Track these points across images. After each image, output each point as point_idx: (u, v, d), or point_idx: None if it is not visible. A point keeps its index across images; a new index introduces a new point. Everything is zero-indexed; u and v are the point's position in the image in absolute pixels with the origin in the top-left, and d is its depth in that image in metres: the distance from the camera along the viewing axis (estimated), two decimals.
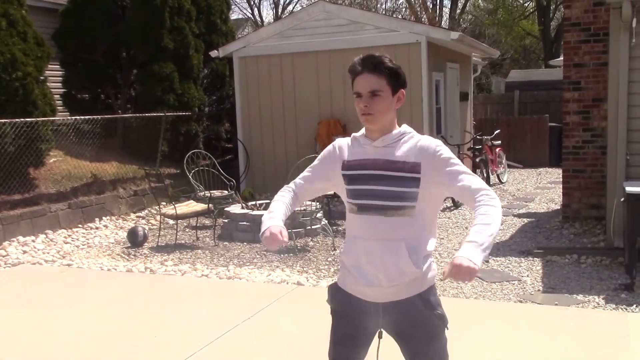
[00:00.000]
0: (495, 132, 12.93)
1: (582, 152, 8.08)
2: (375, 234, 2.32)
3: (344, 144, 2.49)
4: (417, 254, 2.32)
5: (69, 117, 10.30)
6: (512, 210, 9.72)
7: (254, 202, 8.75)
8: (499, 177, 12.76)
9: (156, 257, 7.43)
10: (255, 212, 8.19)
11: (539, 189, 11.92)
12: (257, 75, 11.14)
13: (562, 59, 8.94)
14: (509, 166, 14.04)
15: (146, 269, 6.83)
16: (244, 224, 8.09)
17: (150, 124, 11.05)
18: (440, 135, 10.71)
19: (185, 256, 7.42)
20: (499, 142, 12.97)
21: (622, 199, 5.99)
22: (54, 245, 8.07)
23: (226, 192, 8.99)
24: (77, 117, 10.03)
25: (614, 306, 5.18)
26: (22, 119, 8.45)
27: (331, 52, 10.42)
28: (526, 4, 34.18)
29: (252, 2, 29.03)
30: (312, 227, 8.03)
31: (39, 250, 7.77)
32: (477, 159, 11.03)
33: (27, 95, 8.66)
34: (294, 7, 27.95)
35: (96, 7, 10.97)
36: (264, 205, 8.57)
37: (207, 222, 9.20)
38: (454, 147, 10.97)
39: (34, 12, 10.20)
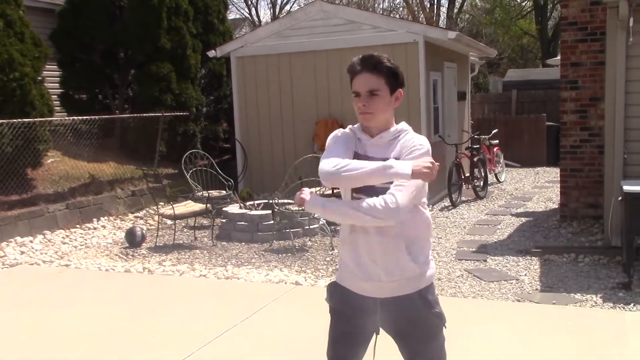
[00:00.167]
0: (493, 132, 12.94)
1: (579, 151, 8.10)
2: (373, 229, 2.34)
3: (349, 132, 2.45)
4: (415, 249, 2.35)
5: (67, 118, 10.28)
6: (510, 209, 9.73)
7: (252, 202, 8.76)
8: (496, 176, 12.77)
9: (154, 257, 7.43)
10: (253, 212, 8.19)
11: (537, 188, 11.93)
12: (254, 75, 11.13)
13: (559, 58, 8.96)
14: (507, 165, 14.06)
15: (144, 269, 6.83)
16: (242, 224, 8.09)
17: (147, 124, 11.04)
18: (437, 134, 10.71)
19: (183, 256, 7.42)
20: (497, 141, 12.99)
21: (620, 198, 6.00)
22: (52, 245, 8.06)
23: (224, 192, 8.99)
24: (75, 118, 10.01)
25: (612, 305, 5.19)
26: (19, 120, 8.44)
27: (329, 51, 10.41)
28: (523, 4, 34.21)
29: (250, 2, 28.98)
30: (310, 226, 8.03)
31: (36, 250, 7.77)
32: (475, 159, 11.03)
33: (25, 95, 8.65)
34: (292, 7, 27.94)
35: (93, 8, 10.96)
36: (262, 205, 8.57)
37: (205, 222, 9.20)
38: (452, 146, 10.98)
39: (31, 13, 10.19)
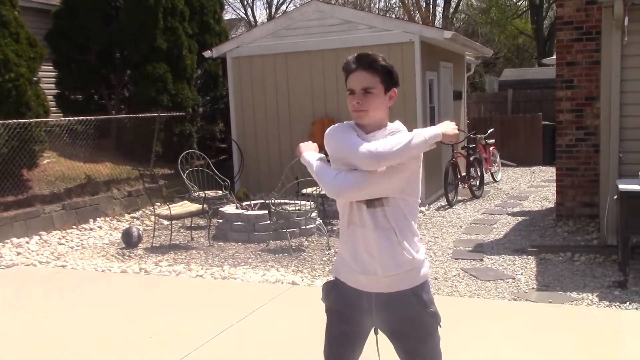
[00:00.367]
0: (489, 131, 12.95)
1: (575, 150, 8.12)
2: (368, 222, 2.36)
3: (342, 128, 2.44)
4: (408, 243, 2.38)
5: (63, 118, 10.27)
6: (506, 208, 9.75)
7: (248, 202, 8.75)
8: (493, 175, 12.79)
9: (151, 257, 7.42)
10: (249, 213, 8.19)
11: (533, 187, 11.96)
12: (250, 75, 11.13)
13: (555, 57, 8.96)
14: (503, 165, 14.08)
15: (141, 269, 6.82)
16: (239, 224, 8.09)
17: (144, 125, 11.02)
18: None
19: (179, 257, 7.42)
20: (493, 140, 13.00)
21: (615, 197, 6.02)
22: (48, 246, 8.04)
23: (220, 192, 8.98)
24: (71, 118, 9.99)
25: (608, 303, 5.20)
26: (15, 120, 8.42)
27: (325, 51, 10.42)
28: (519, 3, 34.28)
29: (246, 2, 28.97)
30: (307, 226, 8.03)
31: (33, 251, 7.75)
32: (471, 158, 11.04)
33: (20, 96, 8.64)
34: (287, 7, 27.93)
35: (89, 8, 10.93)
36: (259, 205, 8.57)
37: (202, 222, 9.19)
38: (448, 145, 10.99)
39: (26, 13, 10.17)
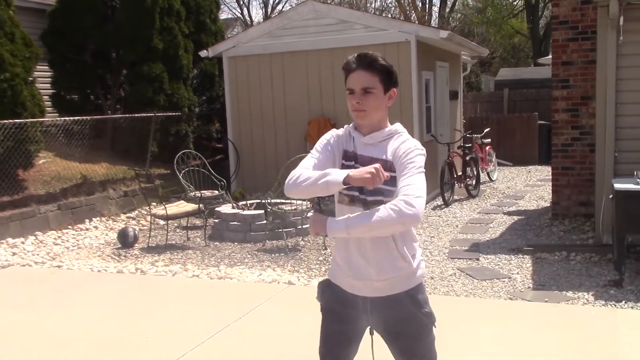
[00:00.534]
0: (485, 131, 12.98)
1: (570, 149, 8.13)
2: None
3: (343, 132, 2.48)
4: (405, 248, 2.36)
5: (58, 118, 10.24)
6: (502, 207, 9.77)
7: (244, 202, 8.75)
8: (489, 175, 12.81)
9: (147, 257, 7.41)
10: (246, 212, 8.19)
11: (529, 186, 11.98)
12: (246, 75, 11.12)
13: (550, 57, 8.99)
14: (499, 164, 14.11)
15: (137, 269, 6.81)
16: (235, 223, 8.08)
17: (140, 125, 11.01)
18: (430, 134, 10.74)
19: (176, 257, 7.41)
20: (489, 140, 13.03)
21: (611, 196, 6.03)
22: (44, 246, 8.02)
23: (217, 192, 8.98)
24: (67, 118, 9.97)
25: (604, 302, 5.21)
26: (10, 120, 8.40)
27: (321, 51, 10.42)
28: (515, 3, 34.35)
29: (242, 2, 28.94)
30: (303, 226, 8.03)
31: (28, 252, 7.73)
32: (467, 157, 11.06)
33: (16, 96, 8.61)
34: (283, 7, 27.92)
35: (85, 8, 10.91)
36: (255, 205, 8.57)
37: (198, 222, 9.18)
38: (444, 145, 11.01)
39: (21, 13, 10.14)
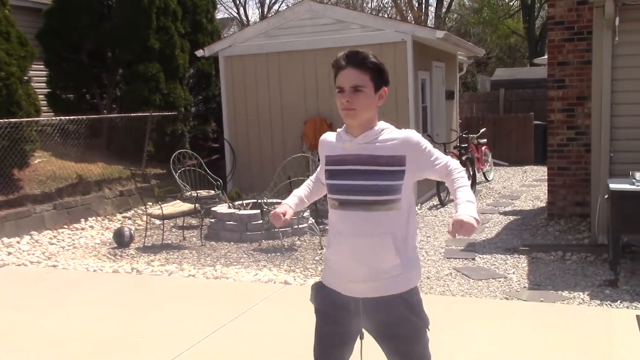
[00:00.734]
0: (481, 131, 13.00)
1: (566, 149, 8.15)
2: (359, 230, 2.32)
3: (329, 138, 2.50)
4: (403, 248, 2.34)
5: (54, 118, 10.22)
6: (498, 207, 9.78)
7: (240, 202, 8.74)
8: (485, 175, 12.83)
9: (143, 257, 7.40)
10: (242, 212, 8.18)
11: (525, 186, 12.00)
12: (243, 74, 11.11)
13: (546, 57, 8.99)
14: (495, 164, 14.12)
15: (132, 269, 6.79)
16: (231, 223, 8.07)
17: (136, 124, 10.98)
18: (426, 134, 10.74)
19: (172, 256, 7.40)
20: (485, 140, 13.05)
21: (606, 196, 6.04)
22: (39, 246, 8.00)
23: (213, 191, 8.97)
24: (62, 118, 9.95)
25: (599, 302, 5.23)
26: (5, 120, 8.37)
27: (317, 51, 10.41)
28: (511, 3, 34.40)
29: (238, 1, 28.92)
30: (299, 226, 8.03)
31: (24, 251, 7.71)
32: (464, 157, 11.07)
33: (11, 95, 8.59)
34: (280, 6, 27.88)
35: (81, 7, 10.88)
36: (251, 204, 8.56)
37: (194, 222, 9.17)
38: (440, 145, 11.01)
39: (17, 12, 10.11)
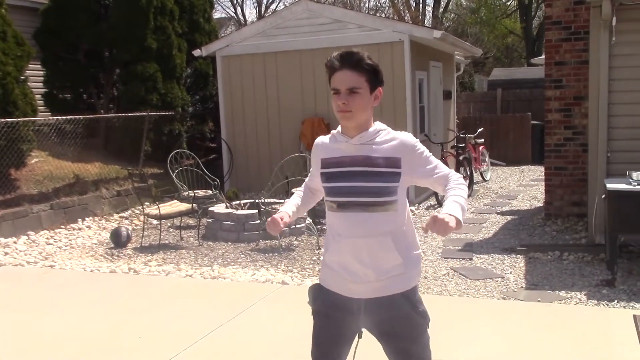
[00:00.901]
0: (478, 130, 13.01)
1: (563, 149, 8.16)
2: (359, 231, 2.31)
3: (323, 141, 2.49)
4: (403, 247, 2.35)
5: (51, 117, 10.19)
6: (495, 207, 9.79)
7: (238, 202, 8.73)
8: (482, 175, 12.84)
9: (140, 257, 7.39)
10: (239, 212, 8.17)
11: (522, 186, 12.01)
12: (240, 74, 11.11)
13: (543, 57, 9.01)
14: (492, 164, 14.14)
15: (130, 269, 6.78)
16: (228, 223, 8.07)
17: (133, 124, 10.97)
18: (423, 133, 10.75)
19: (169, 256, 7.39)
20: (482, 140, 13.06)
21: (603, 196, 6.05)
22: (36, 246, 7.99)
23: (210, 191, 8.96)
24: (59, 117, 9.93)
25: (596, 302, 5.23)
26: (2, 120, 8.35)
27: (314, 50, 10.41)
28: (508, 3, 34.45)
29: (235, 1, 28.97)
30: (297, 226, 8.03)
31: (20, 251, 7.69)
32: (461, 157, 11.07)
33: (7, 95, 8.56)
34: (277, 6, 27.91)
35: (78, 6, 10.86)
36: (248, 204, 8.56)
37: (191, 222, 9.16)
38: (437, 145, 11.02)
39: (14, 11, 10.08)
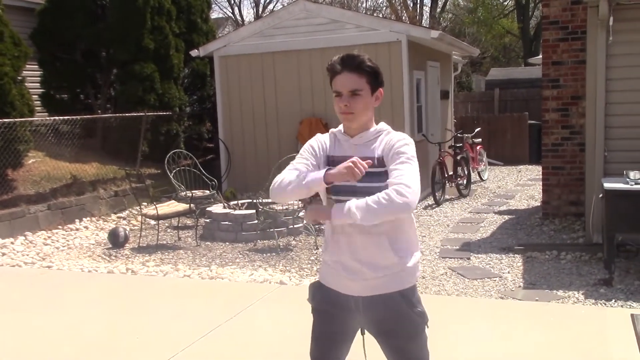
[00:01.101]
0: (475, 130, 13.01)
1: (561, 149, 8.17)
2: (357, 229, 2.33)
3: (326, 138, 2.50)
4: (400, 246, 2.36)
5: (48, 118, 10.18)
6: (493, 207, 9.79)
7: (235, 202, 8.73)
8: (479, 174, 12.85)
9: (137, 258, 7.38)
10: (237, 212, 8.17)
11: (519, 186, 12.02)
12: (238, 74, 11.10)
13: (541, 56, 9.02)
14: (490, 164, 14.15)
15: (127, 270, 6.78)
16: (226, 223, 8.06)
17: (130, 124, 10.95)
18: (421, 133, 10.75)
19: (167, 257, 7.38)
20: (480, 140, 13.07)
21: (601, 195, 6.06)
22: (34, 247, 7.97)
23: (208, 192, 8.96)
24: (56, 118, 9.91)
25: (594, 301, 5.24)
26: None
27: (312, 51, 10.41)
28: (505, 3, 34.48)
29: (233, 1, 28.98)
30: (295, 226, 8.02)
31: (18, 252, 7.68)
32: (458, 157, 11.08)
33: (4, 95, 8.55)
34: (275, 6, 27.88)
35: (75, 7, 10.85)
36: (246, 204, 8.55)
37: (189, 222, 9.15)
38: (435, 145, 11.03)
39: (10, 11, 10.07)
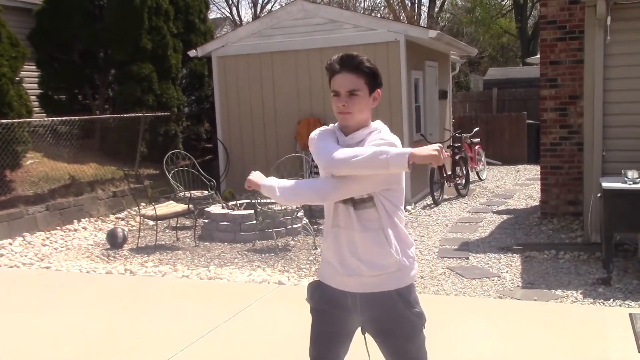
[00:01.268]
0: (474, 130, 13.02)
1: (559, 148, 8.18)
2: (353, 225, 2.36)
3: (331, 130, 2.47)
4: (397, 244, 2.37)
5: (46, 119, 10.18)
6: (492, 207, 9.80)
7: (234, 202, 8.73)
8: (478, 174, 12.85)
9: (136, 258, 7.38)
10: (235, 212, 8.17)
11: (518, 185, 12.03)
12: (236, 74, 11.10)
13: (539, 56, 9.02)
14: (488, 163, 14.15)
15: (126, 270, 6.78)
16: (225, 224, 8.06)
17: (128, 125, 10.94)
18: (419, 133, 10.76)
19: (165, 257, 7.38)
20: (478, 139, 13.07)
21: (599, 195, 6.06)
22: (32, 247, 7.97)
23: (206, 192, 8.95)
24: (54, 118, 9.91)
25: (592, 301, 5.25)
26: None
27: (310, 51, 10.40)
28: (503, 2, 34.50)
29: (231, 1, 28.88)
30: (293, 226, 8.02)
31: (16, 253, 7.67)
32: (457, 157, 11.09)
33: (2, 96, 8.54)
34: (273, 6, 27.83)
35: (72, 7, 10.83)
36: (245, 205, 8.55)
37: (188, 222, 9.15)
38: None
39: (8, 12, 10.06)
